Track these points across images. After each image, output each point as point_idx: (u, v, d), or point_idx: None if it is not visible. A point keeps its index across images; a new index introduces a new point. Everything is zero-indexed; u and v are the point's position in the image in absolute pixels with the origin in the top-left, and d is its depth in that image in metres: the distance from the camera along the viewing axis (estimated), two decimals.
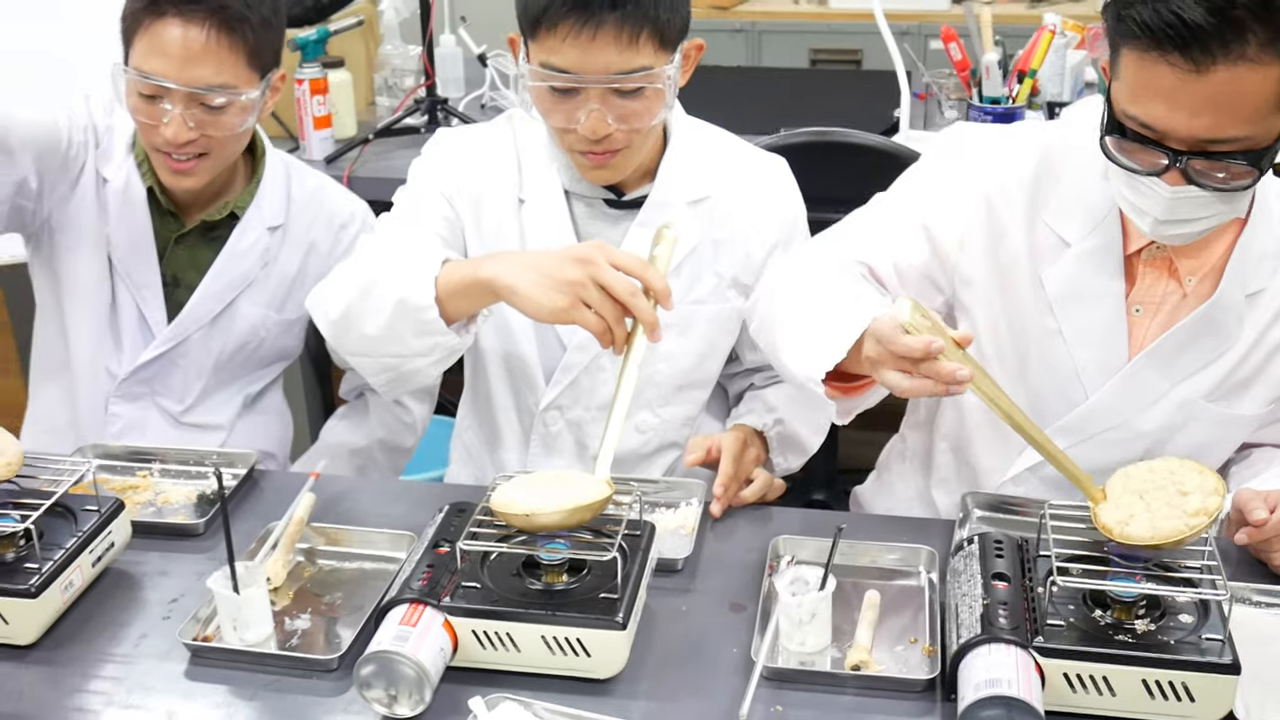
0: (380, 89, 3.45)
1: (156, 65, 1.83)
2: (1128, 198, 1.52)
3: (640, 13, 1.63)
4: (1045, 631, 1.32)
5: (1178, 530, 1.37)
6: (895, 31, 2.88)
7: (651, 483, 1.76)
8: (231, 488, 1.76)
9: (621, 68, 1.65)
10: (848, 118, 2.77)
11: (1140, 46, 1.41)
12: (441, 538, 1.48)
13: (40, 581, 1.43)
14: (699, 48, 1.79)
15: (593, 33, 1.63)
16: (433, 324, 1.59)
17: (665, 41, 1.68)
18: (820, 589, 1.41)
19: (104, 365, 2.07)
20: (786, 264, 1.73)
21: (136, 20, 1.85)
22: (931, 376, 1.38)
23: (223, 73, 1.85)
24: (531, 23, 1.67)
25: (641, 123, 1.71)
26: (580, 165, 1.79)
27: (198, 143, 1.89)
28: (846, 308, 1.50)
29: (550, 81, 1.68)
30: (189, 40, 1.82)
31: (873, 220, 1.74)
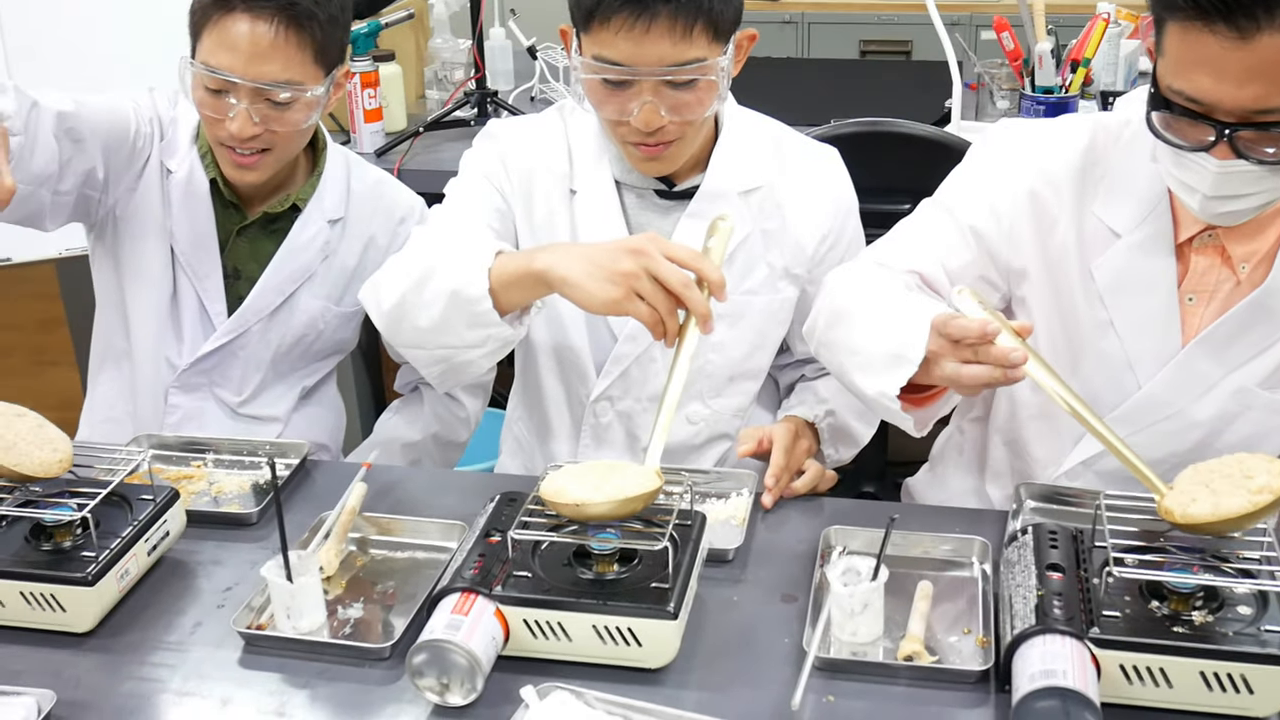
0: (430, 82, 3.47)
1: (224, 60, 1.85)
2: (1175, 175, 1.50)
3: (694, 5, 1.63)
4: (1101, 622, 1.30)
5: (1241, 507, 1.33)
6: (946, 22, 2.86)
7: (702, 473, 1.76)
8: (284, 478, 1.78)
9: (675, 60, 1.65)
10: (898, 108, 2.76)
11: (1184, 18, 1.39)
12: (493, 527, 1.48)
13: (97, 570, 1.45)
14: (751, 38, 1.78)
15: (647, 25, 1.62)
16: (486, 315, 1.60)
17: (719, 33, 1.67)
18: (873, 579, 1.40)
19: (164, 355, 2.09)
20: (840, 283, 1.71)
21: (205, 15, 1.87)
22: (988, 361, 1.36)
23: (289, 69, 1.86)
24: (585, 15, 1.67)
25: (694, 114, 1.71)
26: (632, 157, 1.79)
27: (262, 138, 1.91)
28: (909, 320, 1.50)
29: (603, 74, 1.68)
30: (257, 36, 1.84)
31: (921, 228, 1.73)
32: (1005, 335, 1.39)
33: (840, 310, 1.65)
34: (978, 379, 1.39)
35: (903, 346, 1.47)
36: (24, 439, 1.54)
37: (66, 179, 1.92)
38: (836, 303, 1.67)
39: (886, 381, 1.49)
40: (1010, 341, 1.39)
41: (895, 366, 1.48)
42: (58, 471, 1.54)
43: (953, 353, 1.41)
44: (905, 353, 1.47)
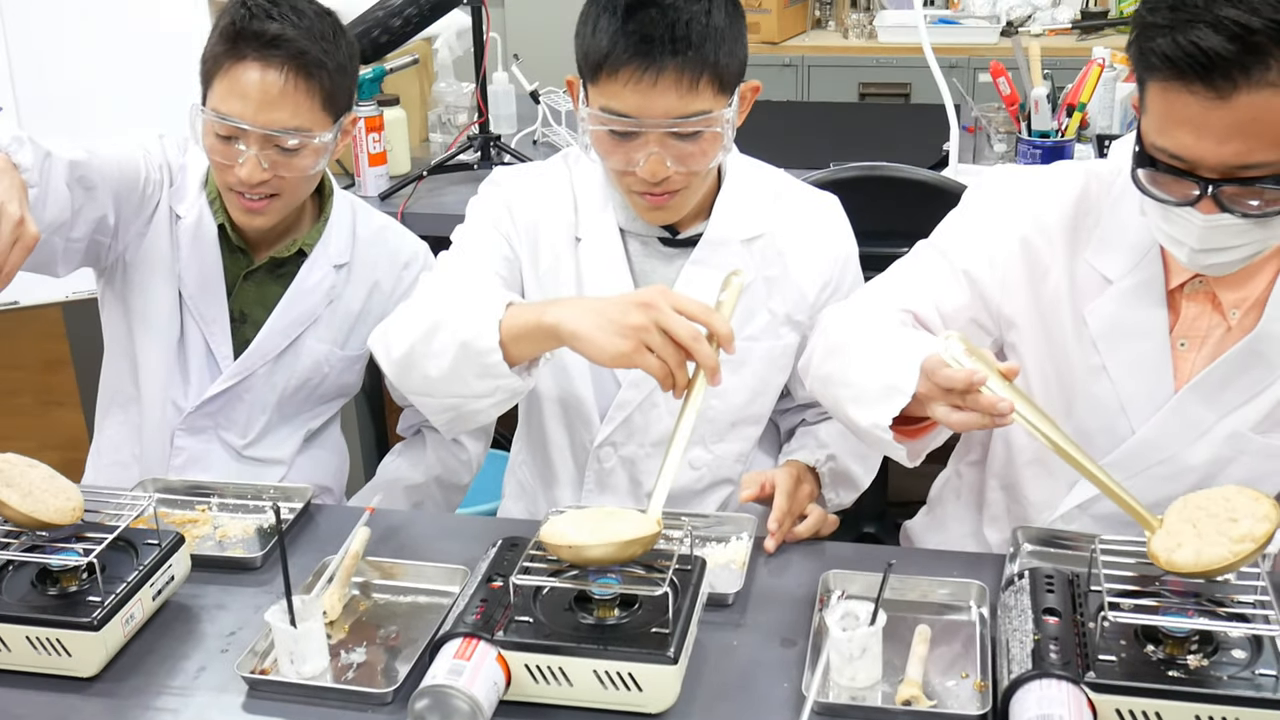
0: (434, 126, 3.50)
1: (234, 107, 1.88)
2: (1164, 229, 1.53)
3: (700, 58, 1.66)
4: (1097, 667, 1.31)
5: (1221, 557, 1.35)
6: (944, 65, 2.89)
7: (702, 517, 1.77)
8: (288, 522, 1.79)
9: (681, 112, 1.68)
10: (897, 151, 2.79)
11: (1163, 78, 1.42)
12: (495, 572, 1.50)
13: (102, 614, 1.46)
14: (755, 89, 1.81)
15: (654, 78, 1.65)
16: (496, 367, 1.61)
17: (724, 85, 1.70)
18: (870, 624, 1.41)
19: (171, 398, 2.11)
20: (834, 320, 1.73)
21: (217, 63, 1.90)
22: (976, 409, 1.39)
23: (298, 116, 1.90)
24: (593, 68, 1.70)
25: (699, 165, 1.74)
26: (638, 206, 1.82)
27: (270, 183, 1.93)
28: (902, 354, 1.52)
29: (610, 125, 1.70)
30: (267, 84, 1.87)
31: (915, 269, 1.76)
32: (994, 379, 1.41)
33: (835, 345, 1.67)
34: (966, 425, 1.42)
35: (896, 379, 1.49)
36: (39, 487, 1.56)
37: (78, 226, 1.94)
38: (831, 338, 1.69)
39: (879, 413, 1.51)
40: (998, 387, 1.40)
41: (888, 398, 1.50)
42: (73, 519, 1.57)
43: (942, 398, 1.43)
44: (898, 384, 1.48)
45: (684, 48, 1.64)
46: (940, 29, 4.71)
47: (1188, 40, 1.38)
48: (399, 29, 3.28)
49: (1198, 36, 1.38)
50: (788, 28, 5.03)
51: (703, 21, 1.66)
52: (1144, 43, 1.44)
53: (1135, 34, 1.47)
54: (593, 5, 1.71)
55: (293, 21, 1.89)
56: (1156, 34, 1.42)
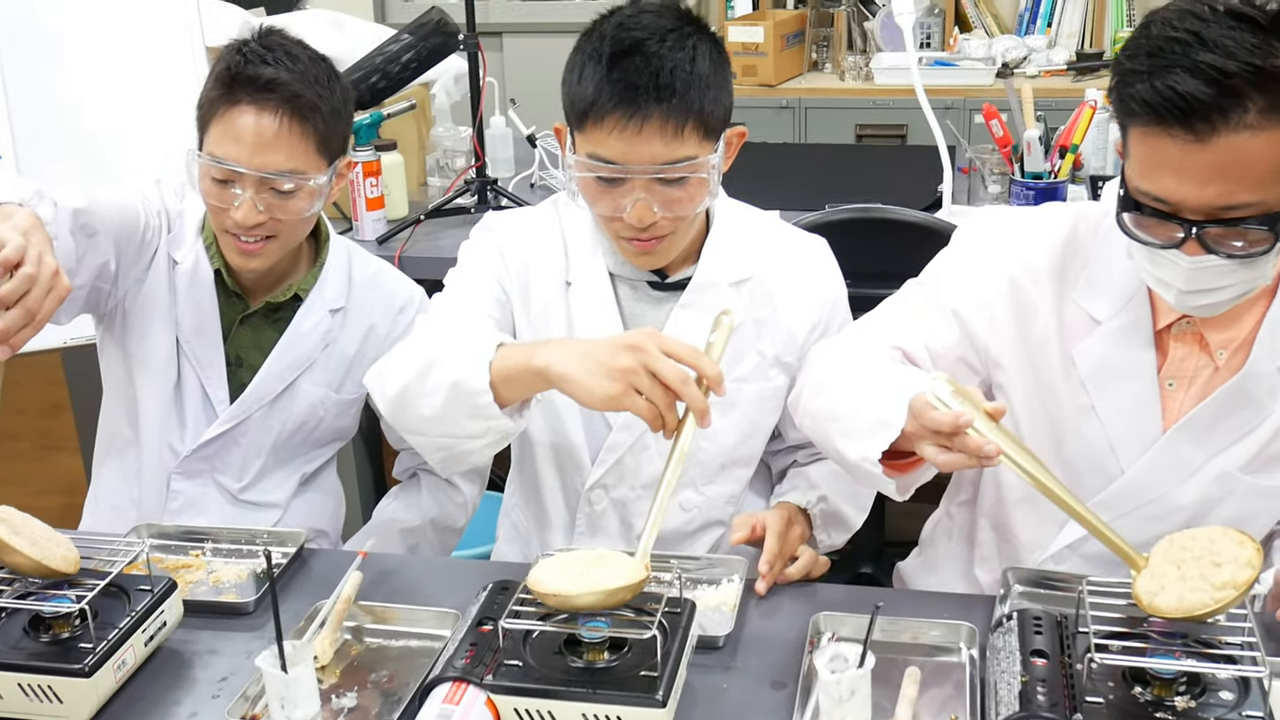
0: (432, 170, 3.53)
1: (230, 151, 1.90)
2: (1150, 271, 1.54)
3: (685, 105, 1.68)
4: (1084, 709, 1.32)
5: (1203, 604, 1.36)
6: (940, 106, 2.92)
7: (693, 559, 1.78)
8: (281, 566, 1.80)
9: (667, 158, 1.69)
10: (893, 193, 2.81)
11: (1144, 123, 1.44)
12: (485, 616, 1.50)
13: (94, 661, 1.46)
14: (740, 135, 1.83)
15: (639, 125, 1.67)
16: (487, 409, 1.62)
17: (709, 131, 1.72)
18: (859, 666, 1.41)
19: (168, 442, 2.12)
20: (824, 356, 1.75)
21: (213, 108, 1.93)
22: (963, 450, 1.40)
23: (293, 159, 1.92)
24: (579, 115, 1.71)
25: (686, 210, 1.75)
26: (625, 251, 1.83)
27: (266, 225, 1.95)
28: (891, 389, 1.53)
29: (597, 172, 1.72)
30: (262, 127, 1.90)
31: (904, 307, 1.77)
32: (980, 421, 1.42)
33: (824, 380, 1.69)
34: (952, 466, 1.43)
35: (885, 413, 1.50)
36: (42, 537, 1.57)
37: (81, 273, 1.96)
38: (820, 374, 1.71)
39: (868, 447, 1.52)
40: (985, 429, 1.41)
41: (877, 432, 1.50)
42: (75, 568, 1.58)
43: (930, 438, 1.44)
44: (888, 419, 1.49)
45: (668, 95, 1.66)
46: (936, 70, 4.74)
47: (1165, 85, 1.41)
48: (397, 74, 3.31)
49: (1175, 81, 1.40)
50: (784, 70, 5.07)
51: (687, 69, 1.68)
52: (1124, 89, 1.46)
53: (1115, 81, 1.49)
54: (578, 54, 1.73)
55: (287, 66, 1.92)
56: (1135, 80, 1.44)
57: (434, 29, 3.15)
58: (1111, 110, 1.52)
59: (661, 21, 1.72)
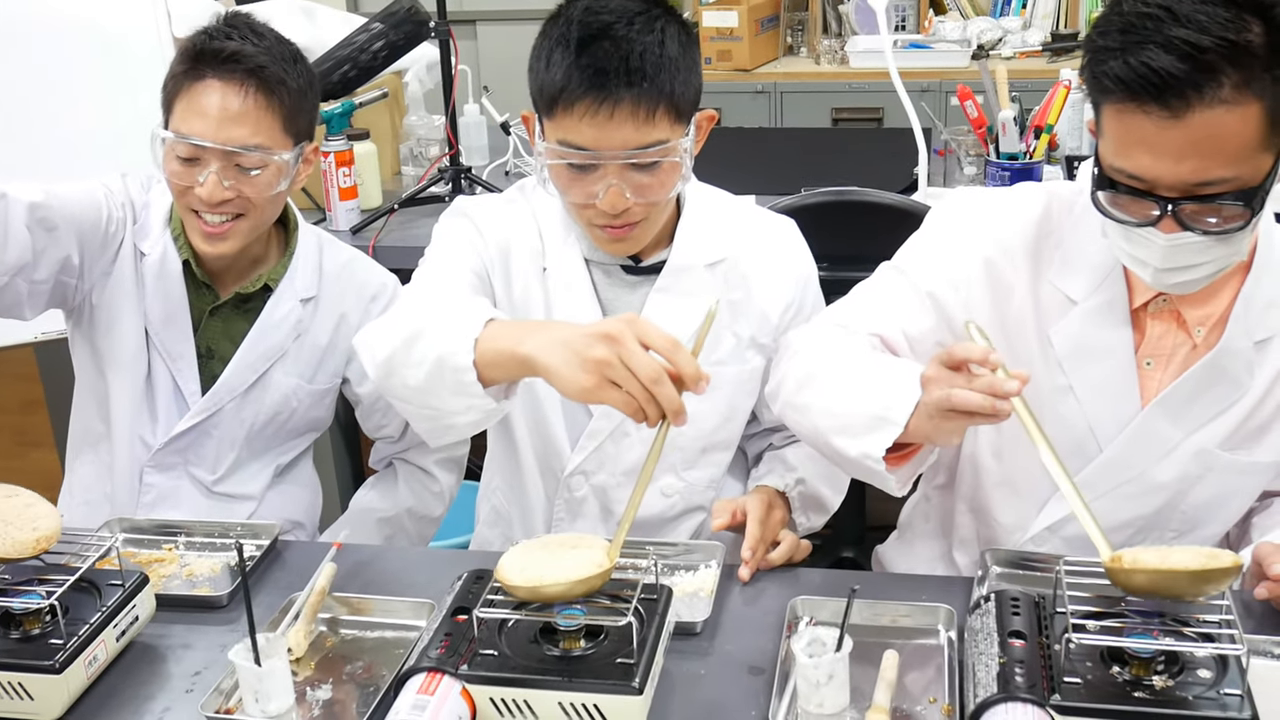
0: (405, 159, 3.51)
1: (195, 126, 1.89)
2: (1126, 250, 1.53)
3: (655, 89, 1.66)
4: (1062, 689, 1.31)
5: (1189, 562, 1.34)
6: (916, 89, 2.91)
7: (670, 545, 1.77)
8: (255, 559, 1.78)
9: (638, 143, 1.68)
10: (869, 176, 2.80)
11: (1117, 100, 1.43)
12: (460, 605, 1.49)
13: (65, 657, 1.45)
14: (711, 118, 1.81)
15: (610, 111, 1.65)
16: (470, 387, 1.57)
17: (680, 115, 1.70)
18: (837, 650, 1.41)
19: (139, 435, 2.11)
20: (804, 347, 1.72)
21: (178, 84, 1.92)
22: (981, 389, 1.38)
23: (259, 134, 1.91)
24: (548, 102, 1.69)
25: (658, 196, 1.73)
26: (598, 239, 1.81)
27: (233, 204, 1.94)
28: (888, 384, 1.52)
29: (568, 159, 1.70)
30: (227, 101, 1.89)
31: (879, 291, 1.76)
32: (1004, 370, 1.41)
33: (810, 373, 1.67)
34: (967, 402, 1.38)
35: (885, 409, 1.49)
36: (9, 518, 1.55)
37: (41, 268, 1.94)
38: (804, 366, 1.68)
39: (870, 443, 1.50)
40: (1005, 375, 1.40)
41: (878, 428, 1.49)
42: (33, 551, 1.55)
43: (948, 380, 1.41)
44: (888, 415, 1.49)
45: (639, 79, 1.65)
46: (911, 53, 4.73)
47: (1139, 62, 1.40)
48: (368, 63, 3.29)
49: (1149, 57, 1.39)
50: (760, 55, 5.05)
51: (656, 52, 1.66)
52: (1096, 66, 1.45)
53: (1087, 58, 1.48)
54: (545, 39, 1.71)
55: (252, 41, 1.92)
56: (1108, 57, 1.43)
57: (405, 17, 3.12)
58: (1085, 89, 1.51)
59: (629, 5, 1.70)
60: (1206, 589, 1.37)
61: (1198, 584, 1.36)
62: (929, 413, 1.45)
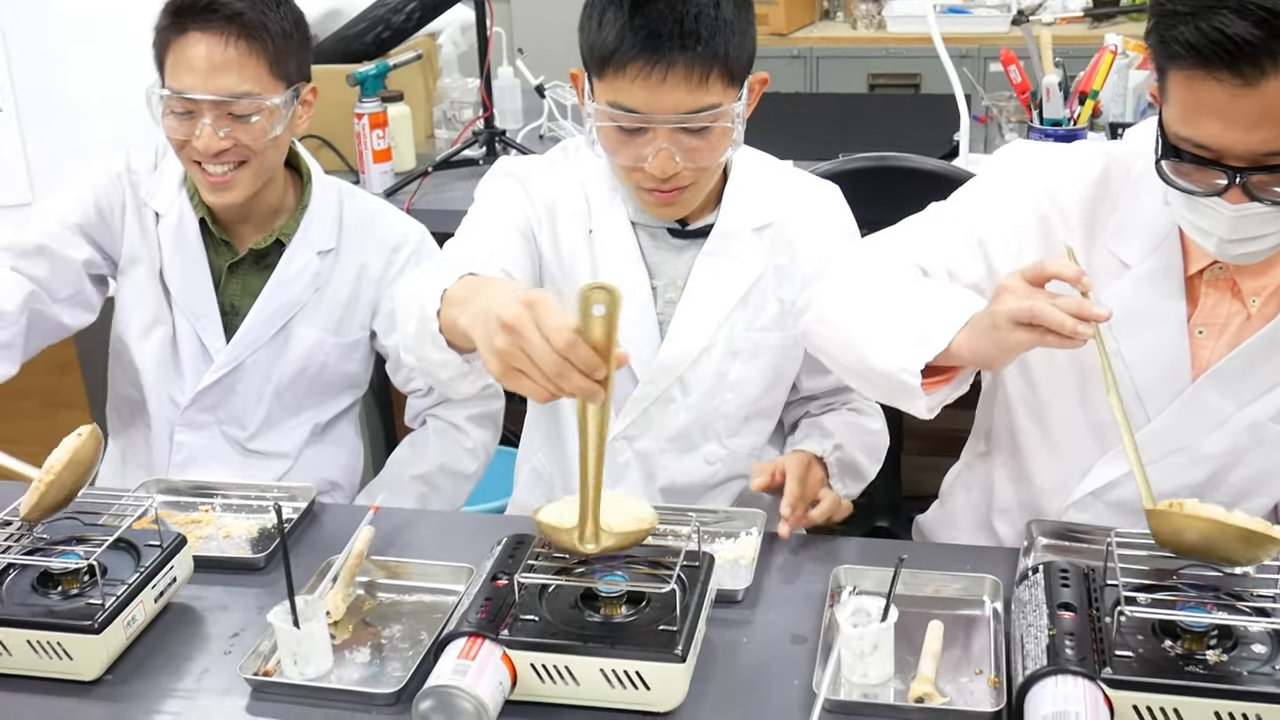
0: (439, 121, 3.48)
1: (185, 80, 1.93)
2: (1190, 220, 1.49)
3: (710, 52, 1.62)
4: (1113, 662, 1.29)
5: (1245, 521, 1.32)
6: (954, 55, 2.86)
7: (710, 513, 1.75)
8: (292, 521, 1.77)
9: (690, 107, 1.65)
10: (907, 142, 2.76)
11: (1187, 66, 1.38)
12: (499, 570, 1.48)
13: (103, 617, 1.44)
14: (763, 81, 1.78)
15: (663, 74, 1.62)
16: (438, 338, 1.50)
17: (734, 78, 1.67)
18: (882, 620, 1.39)
19: (169, 396, 2.13)
20: (850, 263, 1.69)
21: (164, 41, 1.95)
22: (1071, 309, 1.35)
23: (246, 80, 1.94)
24: (599, 63, 1.66)
25: (709, 161, 1.71)
26: (646, 202, 1.79)
27: (233, 151, 1.96)
28: (938, 298, 1.49)
29: (618, 121, 1.67)
30: (212, 52, 1.92)
31: (929, 228, 1.71)
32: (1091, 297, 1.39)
33: (849, 287, 1.63)
34: (1051, 317, 1.35)
35: (931, 323, 1.47)
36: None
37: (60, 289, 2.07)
38: (843, 280, 1.65)
39: (910, 357, 1.47)
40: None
41: (921, 343, 1.47)
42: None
43: (1028, 293, 1.39)
44: (933, 329, 1.46)
45: (693, 42, 1.61)
46: (950, 18, 4.67)
47: (1212, 27, 1.34)
48: (402, 24, 3.28)
49: (1223, 23, 1.34)
50: (796, 19, 5.00)
51: (711, 14, 1.63)
52: (1165, 30, 1.40)
53: (1154, 22, 1.42)
54: None
55: None
56: (1178, 21, 1.37)
57: None
58: (1149, 53, 1.46)
59: None
60: (1254, 555, 1.35)
61: (1247, 547, 1.34)
62: (996, 323, 1.41)
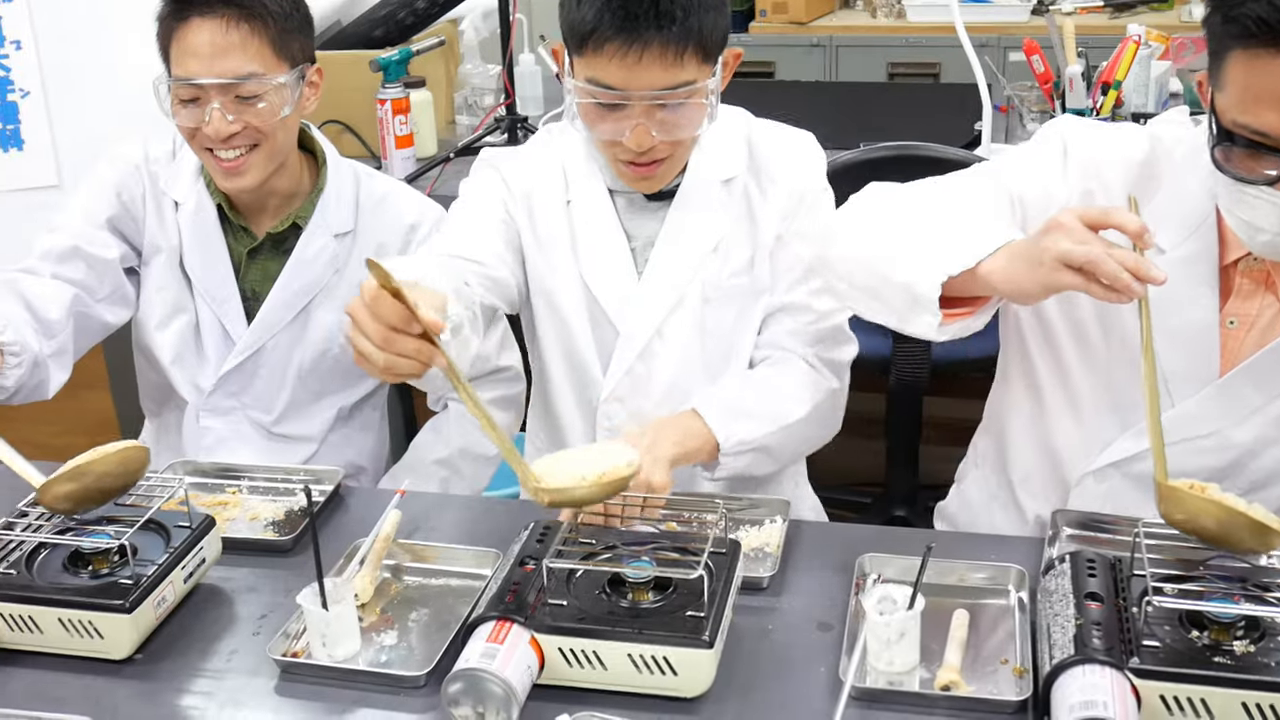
0: (460, 108, 3.48)
1: (190, 66, 1.94)
2: (1237, 215, 1.47)
3: (684, 31, 1.66)
4: (1141, 652, 1.29)
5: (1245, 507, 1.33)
6: (974, 44, 2.85)
7: (735, 500, 1.75)
8: (318, 504, 1.78)
9: (666, 83, 1.69)
10: (928, 131, 2.76)
11: (1254, 46, 1.34)
12: (527, 555, 1.48)
13: (134, 596, 1.45)
14: (736, 56, 1.82)
15: (639, 53, 1.66)
16: None
17: (708, 55, 1.71)
18: (909, 608, 1.39)
19: (194, 382, 2.14)
20: (868, 196, 1.69)
21: (167, 30, 1.96)
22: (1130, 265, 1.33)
23: (249, 62, 1.94)
24: (578, 41, 1.71)
25: (685, 134, 1.75)
26: (624, 176, 1.83)
27: (243, 134, 1.97)
28: (974, 223, 1.48)
29: (597, 98, 1.72)
30: (213, 36, 1.93)
31: (965, 179, 1.70)
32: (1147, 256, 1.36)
33: (880, 210, 1.64)
34: (1106, 269, 1.33)
35: (961, 246, 1.46)
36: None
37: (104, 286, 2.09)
38: (873, 205, 1.65)
39: (934, 269, 1.46)
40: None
41: (948, 259, 1.45)
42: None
43: (1083, 236, 1.36)
44: (963, 246, 1.45)
45: (668, 22, 1.65)
46: (971, 8, 4.66)
47: None
48: (424, 10, 3.28)
49: None
50: (815, 8, 4.99)
51: None
52: (1232, 9, 1.36)
53: (1216, 1, 1.40)
54: None
55: None
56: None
57: None
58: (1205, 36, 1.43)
59: None
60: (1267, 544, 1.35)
61: (1258, 537, 1.35)
62: (1043, 259, 1.38)
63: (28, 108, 2.74)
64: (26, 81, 2.73)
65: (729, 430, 1.77)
